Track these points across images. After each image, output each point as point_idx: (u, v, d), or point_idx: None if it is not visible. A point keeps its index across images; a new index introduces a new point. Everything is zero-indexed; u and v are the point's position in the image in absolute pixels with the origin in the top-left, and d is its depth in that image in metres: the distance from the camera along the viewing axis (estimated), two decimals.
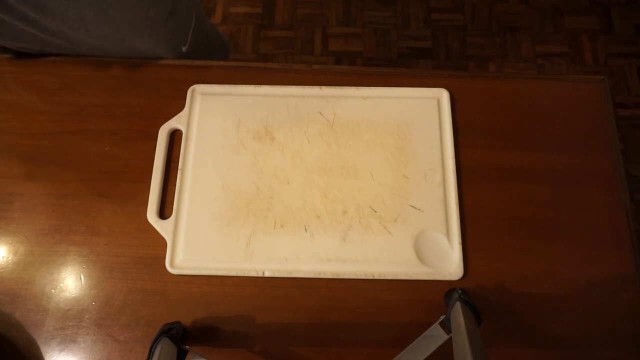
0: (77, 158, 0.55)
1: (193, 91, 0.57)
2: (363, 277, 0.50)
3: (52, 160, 0.55)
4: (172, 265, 0.50)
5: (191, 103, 0.57)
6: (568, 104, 0.58)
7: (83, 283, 0.50)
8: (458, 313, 0.42)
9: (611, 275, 0.51)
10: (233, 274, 0.50)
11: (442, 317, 0.45)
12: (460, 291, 0.46)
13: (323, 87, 0.57)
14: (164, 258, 0.51)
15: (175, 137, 0.56)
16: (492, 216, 0.53)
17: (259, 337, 0.49)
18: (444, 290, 0.49)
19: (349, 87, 0.58)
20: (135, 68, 0.60)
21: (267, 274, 0.50)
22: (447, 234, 0.51)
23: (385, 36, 1.54)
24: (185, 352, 0.44)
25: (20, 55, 0.59)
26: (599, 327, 0.49)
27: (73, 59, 0.60)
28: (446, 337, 0.44)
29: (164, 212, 0.53)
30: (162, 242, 0.51)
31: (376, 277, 0.50)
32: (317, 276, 0.50)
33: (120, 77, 0.59)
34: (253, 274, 0.50)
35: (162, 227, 0.51)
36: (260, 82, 0.58)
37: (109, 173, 0.54)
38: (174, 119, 0.56)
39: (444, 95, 0.57)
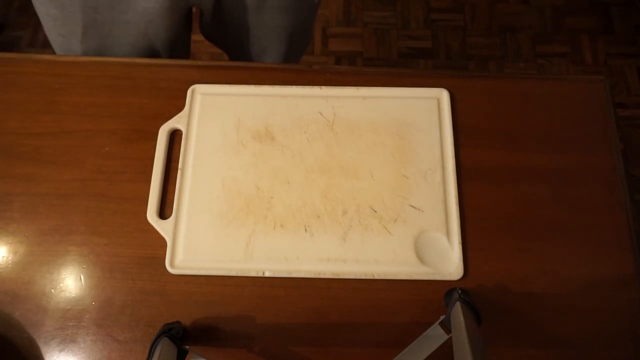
0: (77, 158, 0.55)
1: (193, 91, 0.57)
2: (363, 277, 0.50)
3: (53, 160, 0.55)
4: (172, 265, 0.50)
5: (191, 103, 0.57)
6: (568, 104, 0.58)
7: (83, 283, 0.50)
8: (458, 313, 0.42)
9: (611, 275, 0.51)
10: (233, 274, 0.50)
11: (442, 317, 0.45)
12: (460, 291, 0.46)
13: (323, 87, 0.57)
14: (164, 258, 0.50)
15: (175, 137, 0.56)
16: (492, 216, 0.53)
17: (259, 337, 0.49)
18: (444, 290, 0.49)
19: (349, 87, 0.58)
20: (135, 68, 0.60)
21: (267, 274, 0.50)
22: (447, 234, 0.51)
23: (385, 36, 1.54)
24: (185, 352, 0.44)
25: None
26: (599, 327, 0.49)
27: (73, 59, 0.60)
28: (446, 337, 0.44)
29: (163, 212, 0.53)
30: (162, 242, 0.51)
31: (376, 277, 0.50)
32: (317, 276, 0.50)
33: (120, 77, 0.59)
34: (253, 274, 0.50)
35: (162, 227, 0.51)
36: (260, 82, 0.58)
37: (108, 173, 0.54)
38: (174, 119, 0.56)
39: (444, 95, 0.57)
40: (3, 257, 0.51)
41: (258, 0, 0.67)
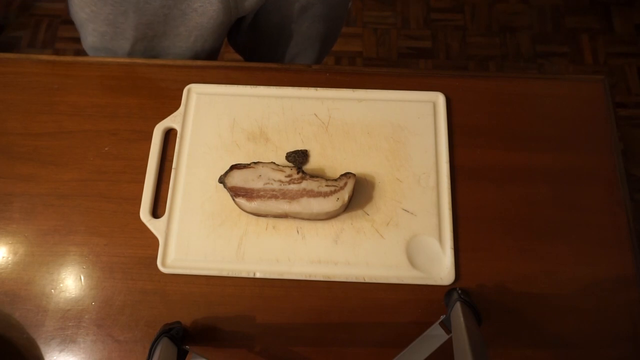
0: (77, 158, 0.55)
1: (189, 91, 0.57)
2: (354, 280, 0.49)
3: (52, 160, 0.55)
4: (163, 264, 0.50)
5: (186, 102, 0.57)
6: (568, 104, 0.58)
7: (83, 283, 0.50)
8: (458, 313, 0.42)
9: (611, 275, 0.50)
10: (224, 274, 0.50)
11: (442, 317, 0.45)
12: (460, 291, 0.46)
13: (319, 88, 0.57)
14: None
15: (170, 136, 0.56)
16: (492, 216, 0.53)
17: (259, 337, 0.49)
18: (444, 291, 0.49)
19: (344, 89, 0.57)
20: (135, 68, 0.60)
21: (258, 275, 0.50)
22: (440, 238, 0.51)
23: (385, 36, 1.54)
24: (186, 352, 0.44)
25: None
26: (599, 327, 0.49)
27: (72, 59, 0.60)
28: (446, 337, 0.44)
29: (157, 211, 0.53)
30: None
31: (367, 280, 0.49)
32: (308, 278, 0.50)
33: (119, 78, 0.59)
34: (244, 274, 0.50)
35: (155, 226, 0.51)
36: (260, 83, 0.58)
37: (108, 173, 0.54)
38: (168, 118, 0.56)
39: (439, 98, 0.57)
40: (3, 257, 0.51)
41: (299, 11, 0.68)
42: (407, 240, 0.51)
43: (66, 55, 0.61)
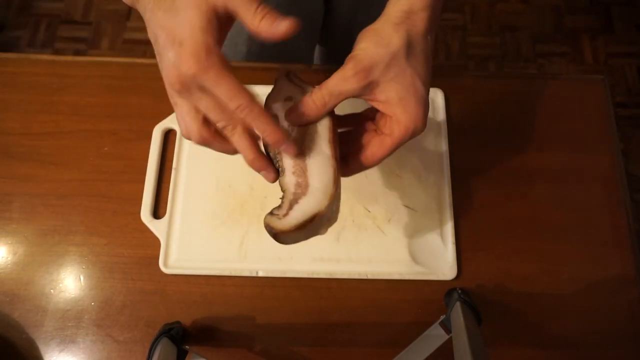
0: (77, 158, 0.55)
1: None
2: (357, 276, 0.50)
3: (52, 160, 0.55)
4: (165, 264, 0.50)
5: None
6: (568, 104, 0.58)
7: (82, 283, 0.50)
8: (458, 313, 0.42)
9: (611, 275, 0.50)
10: (227, 273, 0.50)
11: (442, 317, 0.45)
12: (460, 291, 0.46)
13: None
14: None
15: (170, 137, 0.56)
16: (491, 216, 0.53)
17: (259, 337, 0.49)
18: (444, 290, 0.49)
19: None
20: (134, 68, 0.60)
21: (260, 274, 0.50)
22: (441, 234, 0.51)
23: None
24: (185, 352, 0.44)
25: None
26: (599, 327, 0.49)
27: (72, 58, 0.60)
28: (446, 337, 0.44)
29: (157, 211, 0.53)
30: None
31: (370, 277, 0.50)
32: (310, 276, 0.50)
33: (119, 78, 0.59)
34: (247, 273, 0.50)
35: (156, 227, 0.51)
36: (260, 83, 0.58)
37: (108, 173, 0.54)
38: (168, 118, 0.56)
39: (438, 95, 0.57)
40: (2, 257, 0.51)
41: None
42: (408, 236, 0.51)
43: (65, 55, 0.61)
